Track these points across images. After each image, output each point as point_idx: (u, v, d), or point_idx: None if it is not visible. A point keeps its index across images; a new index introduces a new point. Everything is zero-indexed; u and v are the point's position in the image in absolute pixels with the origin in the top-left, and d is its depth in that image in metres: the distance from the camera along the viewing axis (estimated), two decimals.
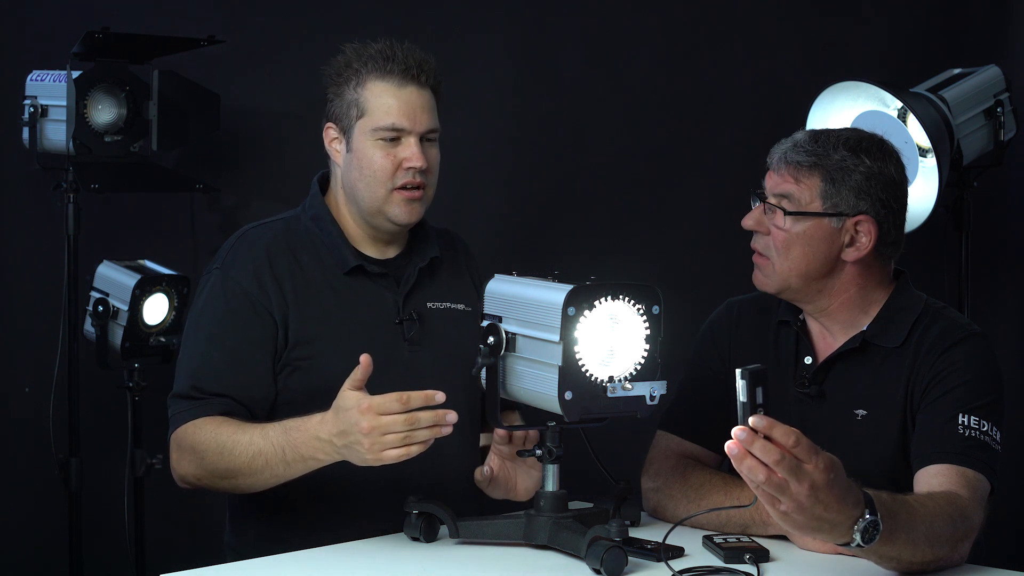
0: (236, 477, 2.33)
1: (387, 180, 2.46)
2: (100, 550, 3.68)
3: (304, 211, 2.57)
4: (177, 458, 2.41)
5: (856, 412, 2.37)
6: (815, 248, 2.36)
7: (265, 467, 2.29)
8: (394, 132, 2.46)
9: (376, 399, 2.15)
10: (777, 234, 2.38)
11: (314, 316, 2.46)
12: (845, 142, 2.36)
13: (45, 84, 3.54)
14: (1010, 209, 3.81)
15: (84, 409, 3.54)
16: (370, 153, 2.47)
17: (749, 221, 2.42)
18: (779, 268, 2.38)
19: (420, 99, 2.48)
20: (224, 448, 2.32)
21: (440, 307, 2.57)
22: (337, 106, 2.51)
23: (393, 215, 2.48)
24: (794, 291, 2.40)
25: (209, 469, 2.35)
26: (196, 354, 2.46)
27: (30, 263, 3.81)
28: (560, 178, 3.94)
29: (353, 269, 2.50)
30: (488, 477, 2.40)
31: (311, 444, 2.24)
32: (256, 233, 2.54)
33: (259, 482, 2.33)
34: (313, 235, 2.53)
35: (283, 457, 2.27)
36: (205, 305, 2.50)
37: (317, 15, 3.86)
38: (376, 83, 2.46)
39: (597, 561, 2.04)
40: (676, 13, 3.94)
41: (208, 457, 2.34)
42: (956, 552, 2.08)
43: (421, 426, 2.15)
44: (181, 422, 2.40)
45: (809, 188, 2.35)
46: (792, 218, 2.36)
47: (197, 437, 2.36)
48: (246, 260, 2.48)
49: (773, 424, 1.78)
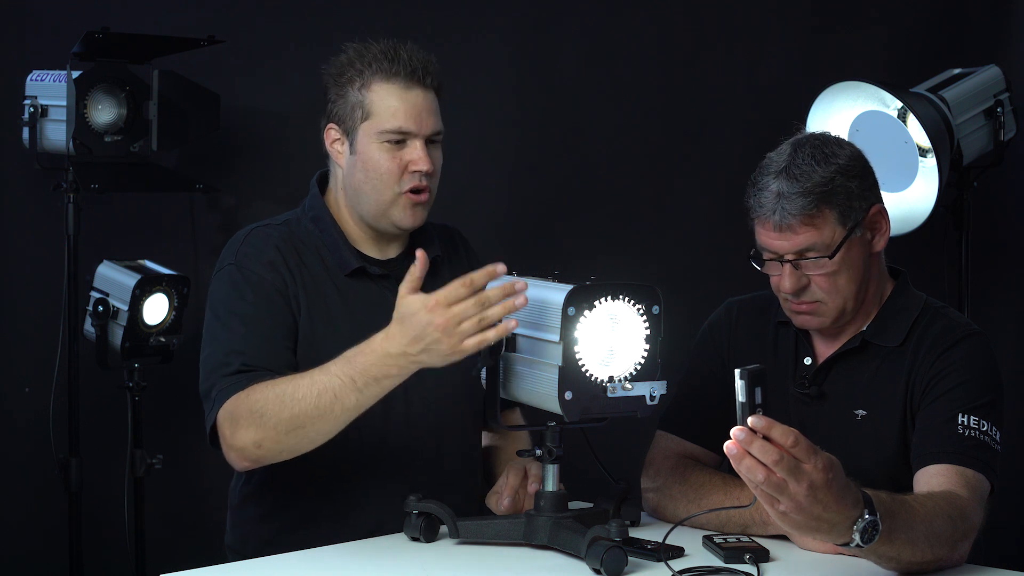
0: (304, 425, 2.22)
1: (394, 184, 2.44)
2: (100, 550, 3.68)
3: (304, 212, 2.56)
4: (232, 432, 2.27)
5: (856, 412, 2.37)
6: (856, 265, 2.34)
7: (334, 402, 2.19)
8: (400, 135, 2.44)
9: (441, 292, 2.09)
10: (821, 281, 2.32)
11: (321, 316, 2.45)
12: (814, 159, 2.30)
13: (45, 84, 3.54)
14: (1010, 209, 3.81)
15: (84, 409, 3.54)
16: (376, 156, 2.44)
17: (788, 284, 2.32)
18: (834, 305, 2.34)
19: (425, 101, 2.46)
20: (285, 396, 2.22)
21: None
22: (340, 107, 2.48)
23: (398, 219, 2.47)
24: (849, 313, 2.37)
25: (272, 425, 2.23)
26: (236, 338, 2.37)
27: (30, 263, 3.81)
28: (560, 178, 3.94)
29: (355, 271, 2.50)
30: (505, 510, 2.38)
31: (383, 363, 2.17)
32: (263, 232, 2.51)
33: (330, 423, 2.22)
34: (314, 237, 2.51)
35: (354, 385, 2.18)
36: (230, 296, 2.42)
37: (317, 15, 3.86)
38: (381, 85, 2.44)
39: (597, 561, 2.04)
40: (676, 13, 3.94)
41: (269, 412, 2.23)
42: (956, 552, 2.08)
43: (492, 303, 2.10)
44: (230, 394, 2.29)
45: (827, 224, 2.30)
46: (832, 260, 2.30)
47: (252, 398, 2.26)
48: (260, 254, 2.45)
49: (772, 424, 1.78)
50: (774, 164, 2.33)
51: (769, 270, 2.37)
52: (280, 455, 2.29)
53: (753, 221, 2.36)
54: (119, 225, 3.83)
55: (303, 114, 3.76)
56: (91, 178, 3.51)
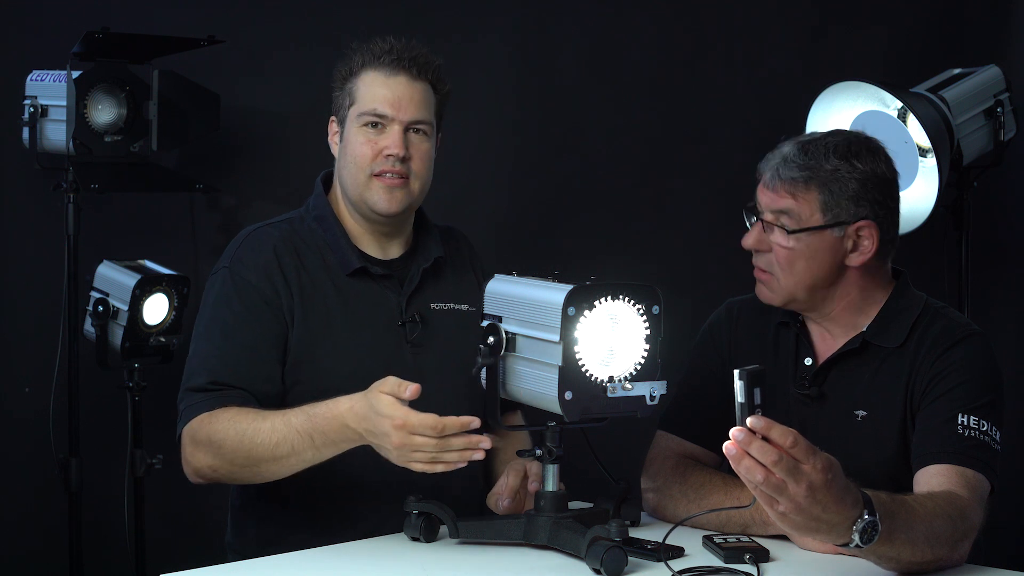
0: (258, 465, 2.31)
1: (366, 166, 2.47)
2: (100, 550, 3.68)
3: (307, 211, 2.57)
4: (192, 452, 2.38)
5: (856, 413, 2.37)
6: (819, 260, 2.35)
7: (291, 453, 2.27)
8: (376, 118, 2.47)
9: (412, 419, 2.13)
10: (779, 251, 2.36)
11: (318, 317, 2.46)
12: (835, 150, 2.34)
13: (45, 84, 3.54)
14: (1010, 209, 3.81)
15: (84, 409, 3.54)
16: (354, 139, 2.49)
17: (749, 240, 2.41)
18: (784, 283, 2.37)
19: (409, 90, 2.48)
20: (244, 436, 2.30)
21: (444, 308, 2.57)
22: (338, 100, 2.54)
23: (373, 202, 2.48)
24: (800, 302, 2.40)
25: (228, 459, 2.32)
26: (212, 350, 2.44)
27: (30, 263, 3.81)
28: (560, 178, 3.94)
29: (356, 271, 2.50)
30: (505, 510, 2.38)
31: (341, 432, 2.23)
32: (262, 233, 2.53)
33: (284, 468, 2.31)
34: (317, 236, 2.52)
35: (312, 443, 2.26)
36: (217, 302, 2.48)
37: (317, 15, 3.86)
38: (368, 72, 2.50)
39: (597, 561, 2.04)
40: (676, 13, 3.94)
41: (227, 446, 2.32)
42: (956, 552, 2.08)
43: (452, 450, 2.15)
44: (196, 413, 2.38)
45: (808, 203, 2.34)
46: (793, 236, 2.35)
47: (213, 427, 2.34)
48: (255, 258, 2.48)
49: (771, 425, 1.78)
50: (805, 136, 2.41)
51: (750, 225, 2.43)
52: (235, 482, 2.40)
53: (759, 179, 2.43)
54: (119, 225, 3.83)
55: (303, 114, 3.77)
56: (91, 178, 3.51)
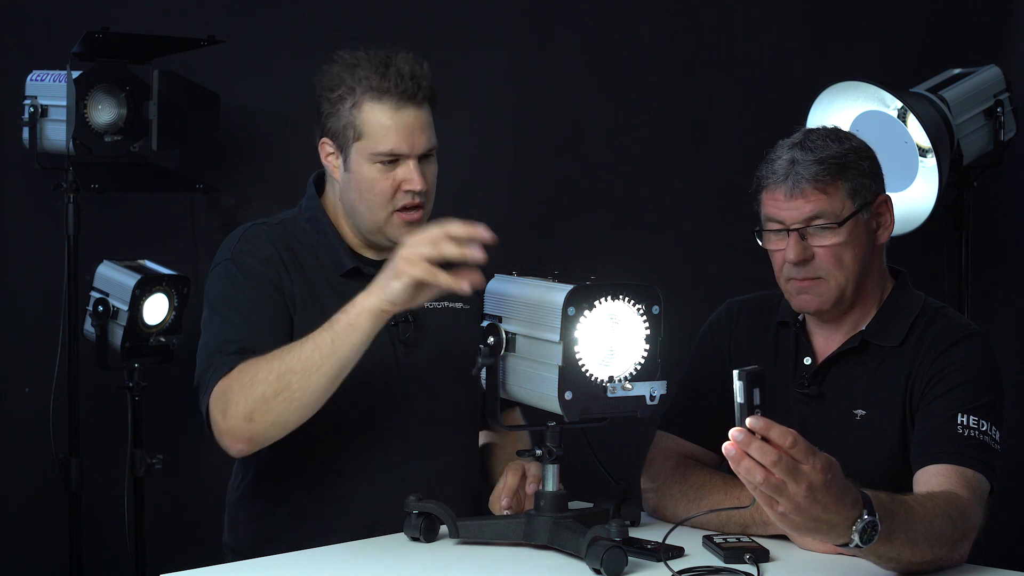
0: (291, 384, 2.23)
1: (386, 203, 2.45)
2: (100, 550, 3.68)
3: (300, 212, 2.57)
4: (223, 412, 2.28)
5: (855, 412, 2.37)
6: (860, 246, 2.35)
7: (314, 349, 2.23)
8: (392, 156, 2.43)
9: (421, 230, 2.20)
10: (825, 252, 2.33)
11: (314, 317, 2.44)
12: (828, 137, 2.36)
13: (45, 84, 3.54)
14: (1010, 209, 3.81)
15: (84, 409, 3.54)
16: (368, 176, 2.44)
17: (792, 254, 2.33)
18: (837, 282, 2.34)
19: (417, 120, 2.43)
20: (271, 357, 2.26)
21: (438, 306, 2.56)
22: (333, 123, 2.47)
23: (393, 236, 2.45)
24: (847, 299, 2.37)
25: (260, 392, 2.24)
26: (231, 325, 2.38)
27: (30, 263, 3.81)
28: (560, 178, 3.94)
29: (350, 271, 2.50)
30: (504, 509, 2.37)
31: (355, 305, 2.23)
32: (259, 230, 2.53)
33: (313, 377, 2.23)
34: (310, 237, 2.52)
35: (330, 328, 2.23)
36: (228, 288, 2.44)
37: (317, 16, 3.85)
38: (372, 105, 2.42)
39: (597, 561, 2.04)
40: (676, 14, 3.94)
41: (258, 376, 2.25)
42: (956, 552, 2.08)
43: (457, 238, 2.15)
44: (223, 372, 2.30)
45: (838, 194, 2.32)
46: (839, 230, 2.32)
47: (242, 370, 2.28)
48: (257, 250, 2.46)
49: (770, 425, 1.78)
50: (788, 140, 2.38)
51: (773, 244, 2.37)
52: (271, 428, 2.28)
53: (761, 194, 2.38)
54: (119, 225, 3.83)
55: (303, 114, 3.76)
56: (91, 178, 3.51)
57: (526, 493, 2.37)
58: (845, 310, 2.40)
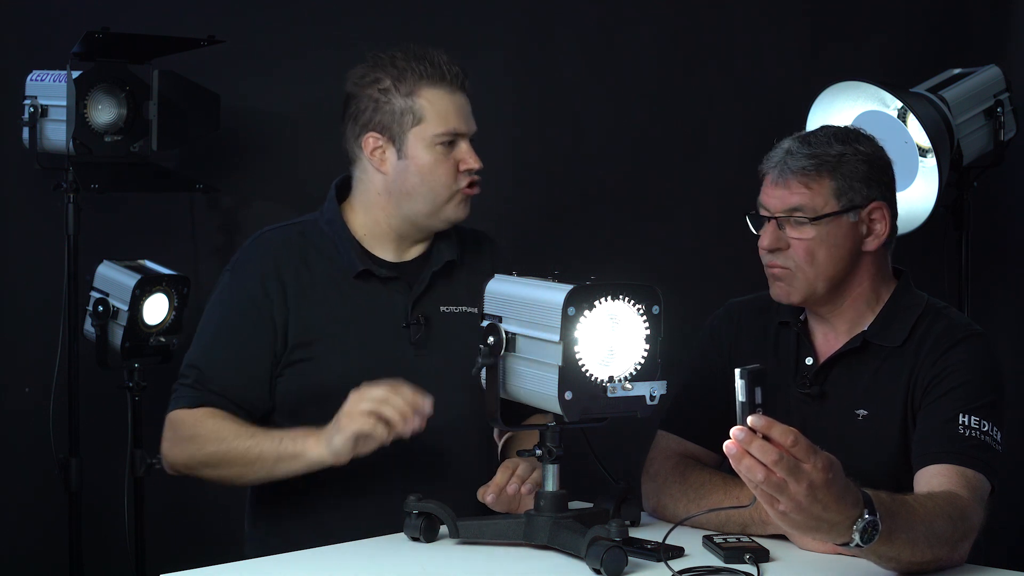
0: (227, 467, 2.43)
1: (451, 183, 2.54)
2: (100, 550, 3.68)
3: (321, 214, 2.63)
4: (168, 445, 2.51)
5: (857, 412, 2.37)
6: (839, 247, 2.36)
7: (259, 458, 2.39)
8: (453, 136, 2.53)
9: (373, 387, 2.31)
10: (799, 245, 2.35)
11: (316, 318, 2.49)
12: (835, 136, 2.38)
13: (45, 84, 3.53)
14: (1010, 209, 3.81)
15: (84, 409, 3.54)
16: (429, 159, 2.53)
17: (766, 241, 2.38)
18: (806, 277, 2.36)
19: (468, 103, 2.58)
20: (225, 433, 2.43)
21: (455, 311, 2.59)
22: (383, 115, 2.53)
23: (452, 214, 2.57)
24: (818, 296, 2.38)
25: (199, 458, 2.45)
26: (202, 347, 2.56)
27: (30, 263, 3.81)
28: (560, 178, 3.94)
29: (362, 273, 2.53)
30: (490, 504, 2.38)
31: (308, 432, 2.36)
32: (270, 236, 2.61)
33: (249, 475, 2.43)
34: (327, 239, 2.58)
35: (280, 445, 2.38)
36: (215, 303, 2.59)
37: (317, 16, 3.85)
38: (430, 90, 2.53)
39: (597, 561, 2.04)
40: (676, 14, 3.94)
41: (207, 444, 2.44)
42: (956, 552, 2.08)
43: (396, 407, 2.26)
44: (178, 405, 2.50)
45: (822, 191, 2.34)
46: (814, 225, 2.34)
47: (200, 422, 2.46)
48: (255, 264, 2.55)
49: (771, 424, 1.78)
50: (800, 132, 2.42)
51: (757, 229, 2.41)
52: (206, 479, 2.50)
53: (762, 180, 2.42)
54: (119, 225, 3.83)
55: (303, 114, 3.78)
56: (91, 178, 3.50)
57: (508, 493, 2.37)
58: (830, 309, 2.41)
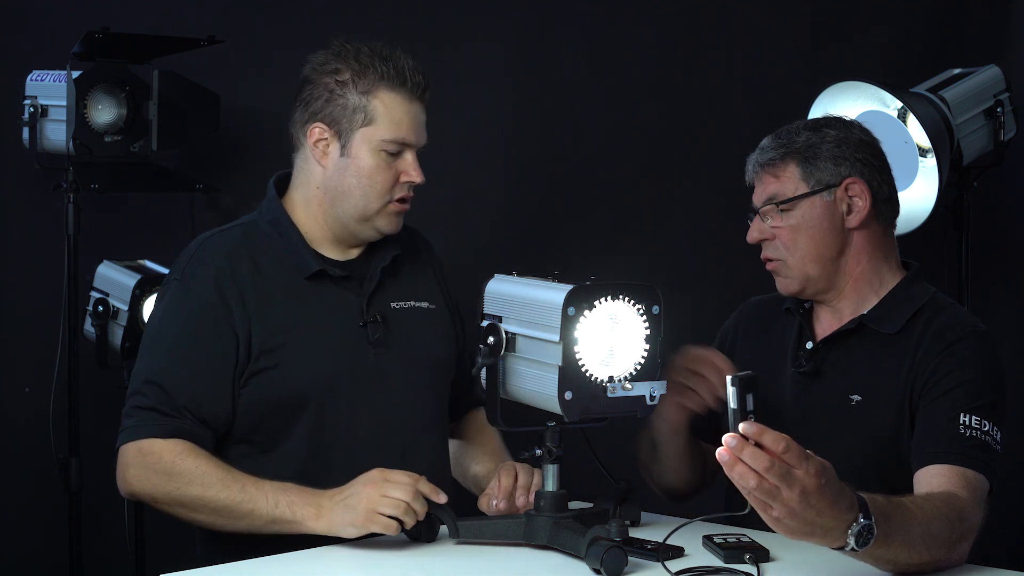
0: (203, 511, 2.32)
1: (386, 192, 2.46)
2: (100, 550, 3.68)
3: (261, 215, 2.55)
4: (135, 474, 2.36)
5: (851, 397, 2.38)
6: (819, 228, 2.39)
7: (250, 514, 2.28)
8: (400, 146, 2.45)
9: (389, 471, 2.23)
10: (780, 233, 2.41)
11: (278, 324, 2.43)
12: (805, 126, 2.44)
13: (45, 84, 3.53)
14: (1010, 209, 3.81)
15: (84, 409, 3.54)
16: (371, 163, 2.45)
17: (753, 235, 2.45)
18: (794, 262, 2.41)
19: (423, 115, 2.49)
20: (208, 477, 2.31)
21: (404, 307, 2.55)
22: (334, 108, 2.46)
23: (382, 226, 2.48)
24: (816, 280, 2.42)
25: (176, 497, 2.32)
26: (157, 362, 2.41)
27: (30, 263, 3.81)
28: (560, 178, 3.94)
29: (315, 273, 2.47)
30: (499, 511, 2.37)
31: (307, 499, 2.26)
32: (215, 241, 2.50)
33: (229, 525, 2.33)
34: (272, 240, 2.50)
35: (273, 510, 2.27)
36: (165, 316, 2.45)
37: (317, 15, 3.85)
38: (388, 93, 2.44)
39: (597, 561, 2.04)
40: (676, 14, 3.94)
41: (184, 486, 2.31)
42: (954, 553, 2.08)
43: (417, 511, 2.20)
44: (146, 435, 2.36)
45: (790, 178, 2.40)
46: (787, 210, 2.38)
47: (176, 465, 2.32)
48: (207, 271, 2.44)
49: (763, 430, 1.78)
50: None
51: None
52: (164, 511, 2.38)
53: None
54: (119, 225, 3.83)
55: None
56: (91, 178, 3.50)
57: (517, 505, 2.36)
58: (834, 294, 2.42)
